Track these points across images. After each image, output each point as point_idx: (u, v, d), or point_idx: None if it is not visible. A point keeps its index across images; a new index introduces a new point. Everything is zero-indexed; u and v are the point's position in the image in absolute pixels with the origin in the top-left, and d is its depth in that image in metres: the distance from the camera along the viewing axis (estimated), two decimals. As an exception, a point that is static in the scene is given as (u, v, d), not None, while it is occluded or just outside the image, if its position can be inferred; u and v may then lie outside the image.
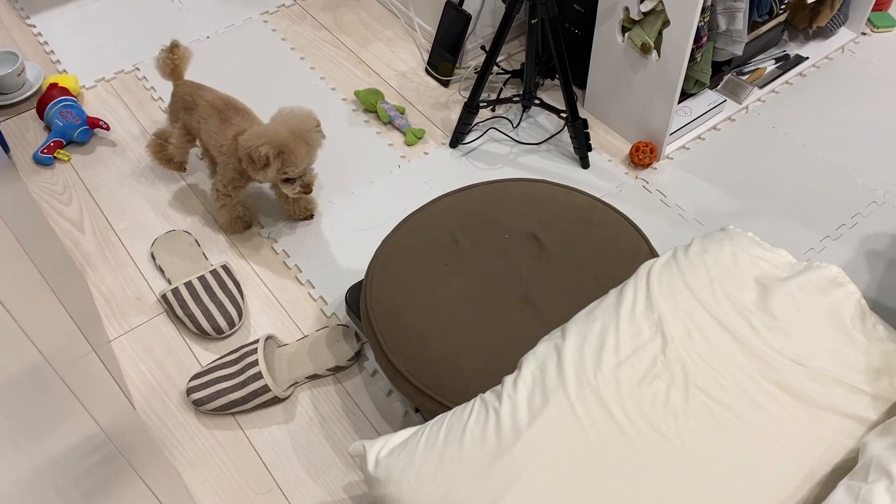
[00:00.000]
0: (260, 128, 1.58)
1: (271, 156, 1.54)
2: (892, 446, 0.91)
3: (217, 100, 1.69)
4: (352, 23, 2.35)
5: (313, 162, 1.63)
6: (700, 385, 1.06)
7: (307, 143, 1.57)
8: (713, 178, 1.91)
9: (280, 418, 1.52)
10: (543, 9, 1.69)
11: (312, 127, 1.59)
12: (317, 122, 1.61)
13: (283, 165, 1.57)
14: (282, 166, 1.57)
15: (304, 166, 1.60)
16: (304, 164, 1.59)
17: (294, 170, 1.58)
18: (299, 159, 1.57)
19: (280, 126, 1.56)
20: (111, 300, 1.71)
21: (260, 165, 1.56)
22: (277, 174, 1.59)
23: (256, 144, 1.54)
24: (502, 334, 1.30)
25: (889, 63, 2.16)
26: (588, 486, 1.00)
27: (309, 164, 1.61)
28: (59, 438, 0.87)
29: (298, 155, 1.56)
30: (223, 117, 1.67)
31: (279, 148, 1.54)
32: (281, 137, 1.54)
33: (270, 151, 1.54)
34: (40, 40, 2.31)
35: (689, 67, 1.87)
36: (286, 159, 1.56)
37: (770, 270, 1.19)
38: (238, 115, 1.67)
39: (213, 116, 1.67)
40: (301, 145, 1.56)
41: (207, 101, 1.69)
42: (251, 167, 1.58)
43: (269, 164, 1.55)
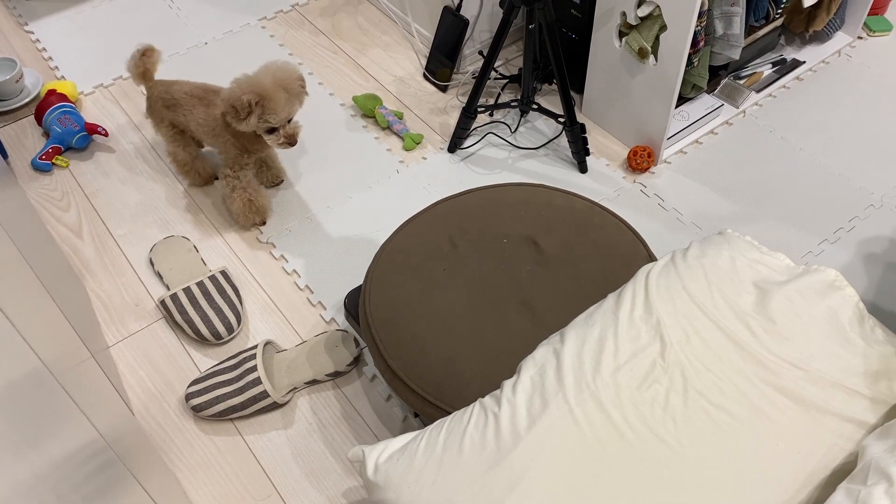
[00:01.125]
0: (241, 79, 1.61)
1: (253, 102, 1.56)
2: (891, 449, 0.91)
3: (194, 88, 1.73)
4: (350, 28, 2.36)
5: (294, 114, 1.65)
6: (699, 389, 1.07)
7: (287, 91, 1.60)
8: (711, 182, 1.91)
9: (279, 424, 1.52)
10: (541, 14, 1.70)
11: (294, 77, 1.62)
12: (299, 75, 1.64)
13: (265, 113, 1.59)
14: (263, 114, 1.59)
15: (284, 115, 1.61)
16: (284, 113, 1.61)
17: (275, 117, 1.60)
18: (279, 106, 1.59)
19: (261, 76, 1.59)
20: (110, 306, 1.71)
21: (244, 115, 1.58)
22: (260, 122, 1.60)
23: (238, 94, 1.57)
24: (501, 339, 1.30)
25: (885, 67, 2.17)
26: (587, 491, 1.00)
27: (290, 114, 1.63)
28: (59, 444, 0.87)
29: (278, 102, 1.58)
30: (205, 102, 1.70)
31: (260, 95, 1.57)
32: (261, 86, 1.57)
33: (252, 98, 1.56)
34: (38, 46, 2.32)
35: (687, 72, 1.88)
36: (267, 106, 1.58)
37: (768, 274, 1.20)
38: (217, 96, 1.70)
39: (196, 105, 1.70)
40: (281, 93, 1.59)
41: (185, 92, 1.73)
42: (234, 118, 1.60)
43: (252, 112, 1.57)
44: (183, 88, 1.73)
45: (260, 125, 1.61)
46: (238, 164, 1.74)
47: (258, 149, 1.74)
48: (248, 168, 1.76)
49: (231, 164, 1.74)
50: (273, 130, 1.64)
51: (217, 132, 1.70)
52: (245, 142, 1.71)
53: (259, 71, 1.61)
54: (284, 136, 1.64)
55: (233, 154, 1.72)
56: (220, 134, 1.70)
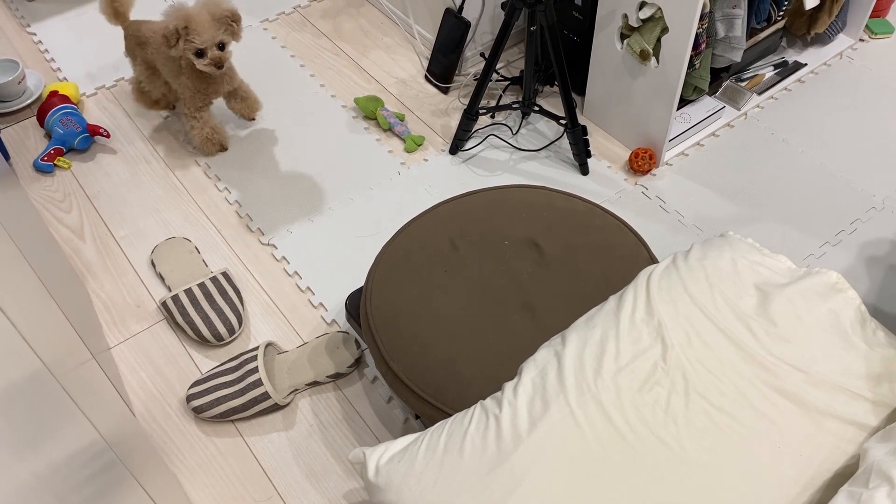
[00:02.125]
0: (170, 9, 1.74)
1: (179, 28, 1.71)
2: (893, 452, 0.91)
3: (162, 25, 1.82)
4: (351, 30, 2.36)
5: (221, 40, 1.76)
6: (700, 391, 1.06)
7: (212, 15, 1.73)
8: (712, 184, 1.91)
9: (280, 425, 1.52)
10: (542, 16, 1.70)
11: (222, 7, 1.75)
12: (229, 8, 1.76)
13: (189, 34, 1.72)
14: (188, 35, 1.72)
15: (208, 37, 1.74)
16: (208, 35, 1.73)
17: (199, 38, 1.73)
18: (203, 28, 1.72)
19: (184, 4, 1.74)
20: (111, 307, 1.71)
21: (172, 41, 1.72)
22: (186, 45, 1.74)
23: (166, 23, 1.72)
24: (502, 341, 1.30)
25: (887, 69, 2.17)
26: (588, 493, 1.00)
27: (215, 38, 1.75)
28: (60, 446, 0.87)
29: (202, 24, 1.72)
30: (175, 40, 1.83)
31: (184, 20, 1.71)
32: (187, 11, 1.72)
33: (178, 24, 1.70)
34: (41, 48, 2.32)
35: (688, 74, 1.88)
36: (191, 29, 1.72)
37: (770, 276, 1.19)
38: None
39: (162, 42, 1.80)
40: (205, 16, 1.72)
41: (153, 30, 1.85)
42: (165, 45, 1.74)
43: (180, 37, 1.72)
44: (152, 27, 1.86)
45: (187, 48, 1.74)
46: (194, 105, 1.89)
47: (212, 90, 1.88)
48: (204, 109, 1.91)
49: (188, 104, 1.89)
50: (201, 54, 1.76)
51: (176, 72, 1.84)
52: (199, 83, 1.85)
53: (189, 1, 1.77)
54: (211, 58, 1.76)
55: (188, 94, 1.87)
56: (178, 74, 1.84)
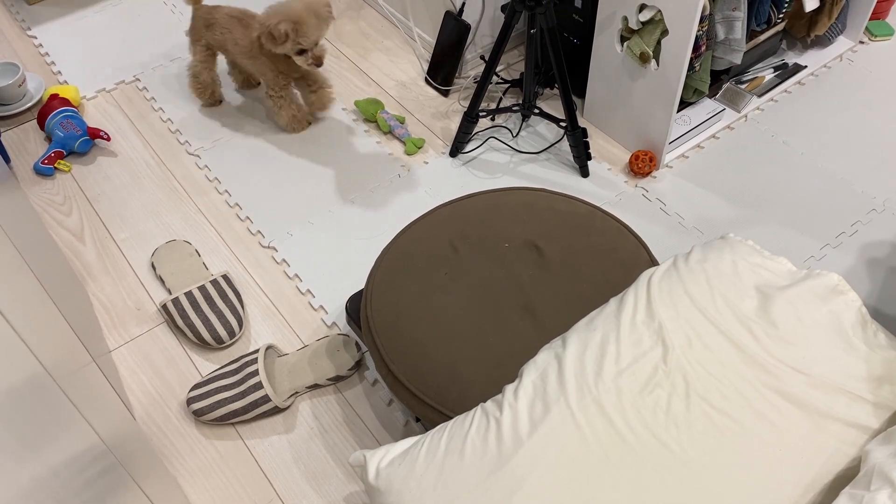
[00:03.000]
0: (275, 6, 1.76)
1: (289, 30, 1.74)
2: (895, 454, 0.91)
3: (233, 10, 1.91)
4: (351, 33, 2.36)
5: (322, 37, 1.81)
6: (701, 393, 1.06)
7: (318, 16, 1.77)
8: (713, 186, 1.91)
9: (280, 428, 1.52)
10: (542, 19, 1.70)
11: (322, 3, 1.78)
12: (328, 6, 1.79)
13: (297, 36, 1.75)
14: (296, 37, 1.76)
15: (314, 38, 1.78)
16: (314, 36, 1.78)
17: (306, 40, 1.77)
18: (311, 30, 1.76)
19: (293, 3, 1.76)
20: (111, 310, 1.71)
21: (280, 40, 1.75)
22: (292, 45, 1.77)
23: (275, 22, 1.74)
24: (503, 343, 1.30)
25: (887, 71, 2.17)
26: (589, 496, 1.00)
27: (319, 37, 1.80)
28: (60, 449, 0.87)
29: (310, 26, 1.75)
30: (244, 24, 1.88)
31: (294, 21, 1.73)
32: (295, 12, 1.74)
33: (288, 26, 1.73)
34: (41, 51, 2.32)
35: (688, 76, 1.88)
36: (300, 31, 1.75)
37: (770, 278, 1.19)
38: (255, 21, 1.86)
39: (235, 25, 1.87)
40: (312, 18, 1.75)
41: (225, 13, 1.90)
42: (271, 43, 1.77)
43: (288, 38, 1.75)
44: (224, 10, 1.91)
45: (292, 47, 1.78)
46: (277, 85, 1.92)
47: (293, 70, 1.91)
48: (287, 87, 1.95)
49: (272, 85, 1.93)
50: (302, 52, 1.80)
51: (253, 54, 1.87)
52: (279, 64, 1.89)
53: None
54: (312, 57, 1.81)
55: (270, 76, 1.91)
56: (257, 56, 1.87)
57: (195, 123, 2.10)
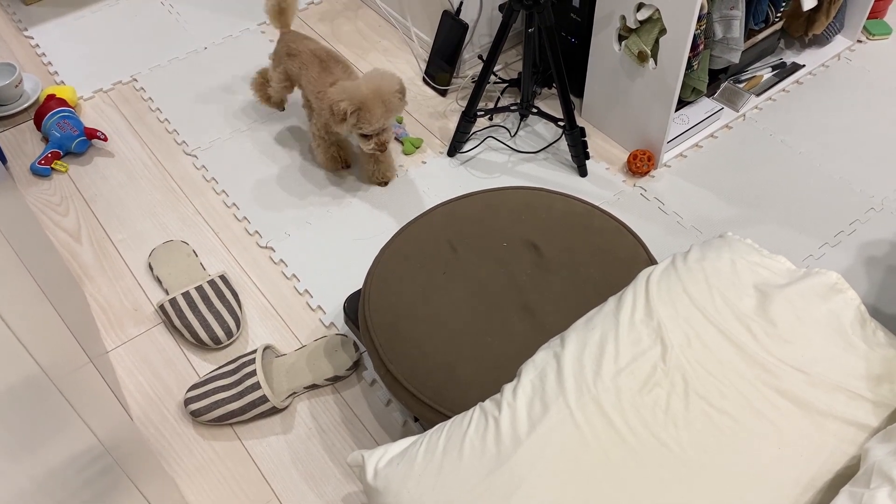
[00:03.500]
0: (347, 83, 1.69)
1: (349, 111, 1.66)
2: (894, 452, 0.90)
3: (320, 50, 1.82)
4: (349, 33, 2.36)
5: (390, 123, 1.74)
6: (700, 392, 1.06)
7: (385, 104, 1.68)
8: (711, 185, 1.91)
9: (278, 429, 1.51)
10: (540, 18, 1.70)
11: (394, 91, 1.69)
12: (399, 87, 1.71)
13: (359, 121, 1.68)
14: (357, 122, 1.68)
15: (378, 125, 1.70)
16: (378, 124, 1.70)
17: (368, 127, 1.69)
18: (374, 118, 1.68)
19: (364, 84, 1.67)
20: (108, 311, 1.71)
21: (339, 119, 1.68)
22: (354, 129, 1.71)
23: (338, 99, 1.66)
24: (501, 343, 1.30)
25: (885, 70, 2.17)
26: (588, 495, 0.99)
27: (385, 124, 1.72)
28: (57, 450, 0.86)
29: (374, 114, 1.67)
30: (324, 66, 1.79)
31: (357, 105, 1.66)
32: (361, 95, 1.66)
33: (349, 107, 1.66)
34: (38, 52, 2.32)
35: (686, 75, 1.88)
36: (362, 116, 1.67)
37: (769, 277, 1.19)
38: (338, 67, 1.79)
39: (315, 64, 1.79)
40: (378, 105, 1.67)
41: (310, 49, 1.82)
42: (332, 119, 1.70)
43: (346, 119, 1.67)
44: (309, 45, 1.84)
45: (354, 130, 1.71)
46: (327, 129, 1.84)
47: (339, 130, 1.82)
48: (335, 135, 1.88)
49: (321, 126, 1.84)
50: (366, 136, 1.73)
51: (320, 97, 1.78)
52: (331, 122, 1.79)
53: (364, 77, 1.69)
54: (376, 143, 1.74)
55: (325, 120, 1.80)
56: (323, 100, 1.78)
57: (192, 123, 2.10)
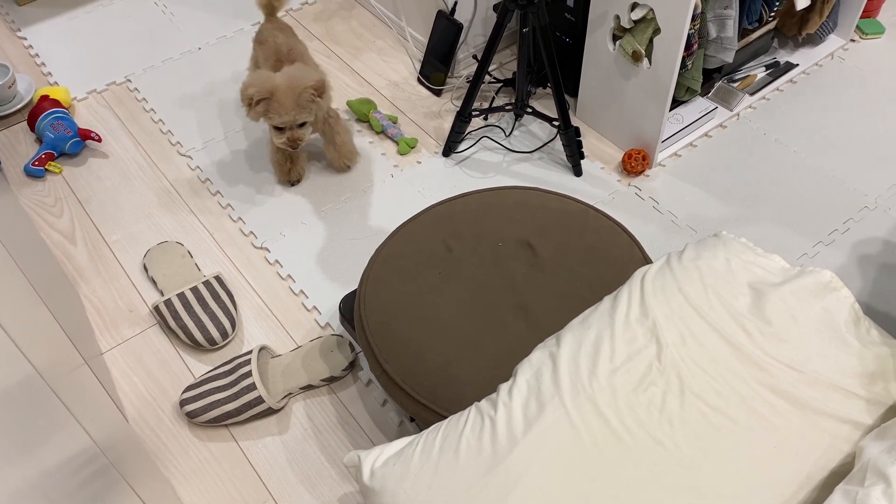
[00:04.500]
0: (263, 72, 1.67)
1: (255, 98, 1.62)
2: (889, 450, 0.91)
3: (283, 45, 1.79)
4: (343, 33, 2.36)
5: (303, 119, 1.68)
6: (695, 391, 1.06)
7: (296, 98, 1.63)
8: (705, 184, 1.92)
9: (274, 429, 1.51)
10: (534, 18, 1.70)
11: (307, 86, 1.64)
12: (315, 84, 1.65)
13: (269, 111, 1.64)
14: (267, 111, 1.64)
15: (289, 119, 1.65)
16: (289, 117, 1.65)
17: (277, 118, 1.65)
18: (283, 110, 1.63)
19: (279, 76, 1.64)
20: (103, 312, 1.70)
21: (245, 104, 1.64)
22: (266, 119, 1.67)
23: (248, 84, 1.63)
24: (497, 342, 1.30)
25: (878, 69, 2.18)
26: (584, 494, 0.99)
27: (297, 119, 1.66)
28: (52, 452, 0.86)
29: (284, 105, 1.63)
30: (277, 67, 1.75)
31: (266, 94, 1.62)
32: (270, 85, 1.62)
33: (256, 95, 1.62)
34: (31, 52, 2.31)
35: (681, 75, 1.88)
36: (271, 106, 1.63)
37: (763, 276, 1.19)
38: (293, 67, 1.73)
39: (271, 58, 1.77)
40: (289, 98, 1.62)
41: (276, 43, 1.80)
42: (244, 105, 1.66)
43: (252, 106, 1.63)
44: (277, 38, 1.81)
45: (266, 120, 1.68)
46: None
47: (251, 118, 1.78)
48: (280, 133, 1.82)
49: None
50: (280, 130, 1.69)
51: None
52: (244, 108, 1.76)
53: (283, 70, 1.68)
54: (288, 138, 1.69)
55: None
56: None
57: (187, 124, 2.09)
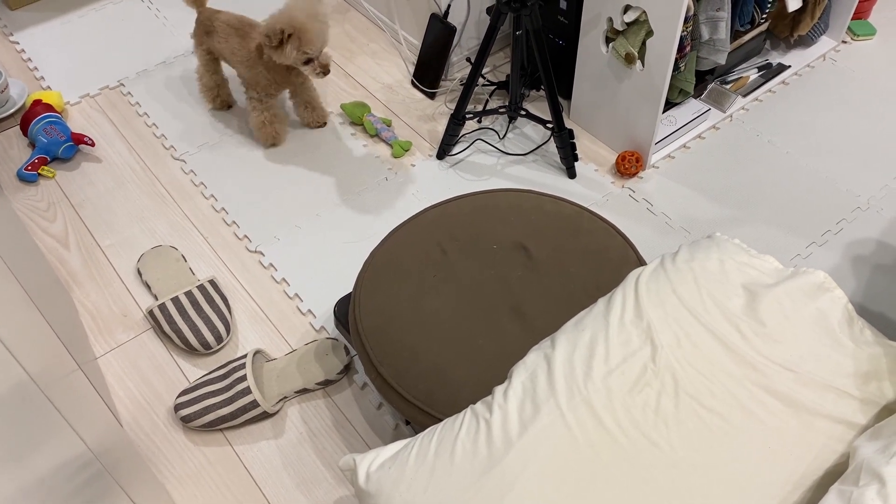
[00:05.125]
0: (276, 14, 1.72)
1: (286, 32, 1.69)
2: (882, 450, 0.91)
3: (231, 19, 1.88)
4: (337, 36, 2.36)
5: (326, 44, 1.78)
6: (690, 392, 1.07)
7: (320, 22, 1.73)
8: (699, 186, 1.92)
9: (269, 433, 1.51)
10: (528, 20, 1.70)
11: (321, 10, 1.74)
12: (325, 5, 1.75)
13: (302, 45, 1.71)
14: (300, 45, 1.72)
15: (319, 45, 1.74)
16: (319, 43, 1.74)
17: (311, 47, 1.73)
18: (315, 37, 1.72)
19: (293, 9, 1.71)
20: (97, 317, 1.70)
21: (276, 43, 1.71)
22: (298, 54, 1.73)
23: (274, 23, 1.70)
24: (492, 345, 1.30)
25: (869, 70, 2.19)
26: (580, 496, 1.00)
27: (324, 44, 1.76)
28: (46, 458, 0.86)
29: (313, 32, 1.71)
30: (241, 33, 1.85)
31: (294, 27, 1.70)
32: (296, 18, 1.70)
33: (287, 28, 1.69)
34: (24, 57, 2.30)
35: (673, 77, 1.89)
36: (303, 38, 1.71)
37: (757, 277, 1.20)
38: (254, 30, 1.85)
39: (232, 34, 1.85)
40: (315, 24, 1.71)
41: (224, 21, 1.88)
42: (270, 48, 1.73)
43: (285, 42, 1.71)
44: (222, 17, 1.89)
45: (298, 56, 1.74)
46: (266, 92, 1.89)
47: (287, 82, 1.91)
48: (273, 97, 1.92)
49: (259, 90, 1.89)
50: (309, 61, 1.76)
51: (250, 63, 1.85)
52: (276, 75, 1.86)
53: (287, 5, 1.74)
54: (320, 65, 1.77)
55: (263, 84, 1.87)
56: (253, 65, 1.85)
57: (180, 128, 2.09)
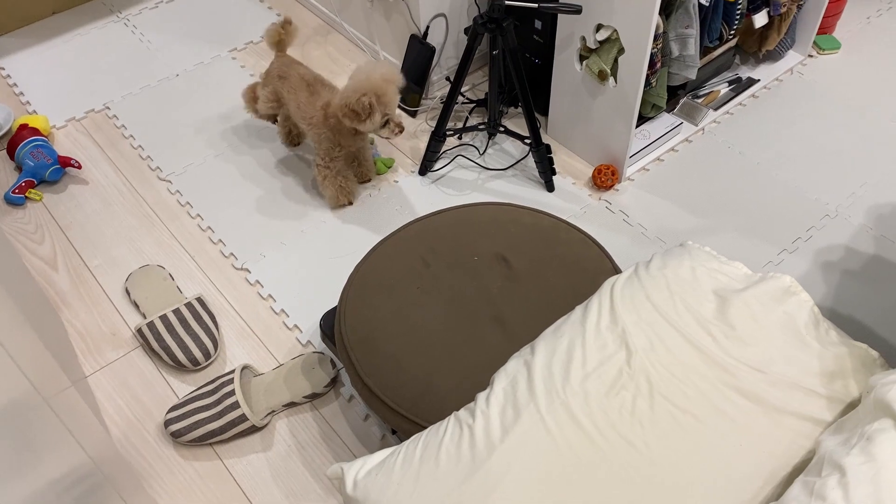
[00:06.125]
0: (351, 83, 1.70)
1: (374, 102, 1.68)
2: (844, 442, 0.95)
3: (307, 74, 1.87)
4: (319, 57, 2.40)
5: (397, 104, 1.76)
6: (664, 394, 1.11)
7: (394, 83, 1.71)
8: (673, 197, 1.98)
9: (258, 447, 1.53)
10: (503, 40, 1.76)
11: (393, 71, 1.72)
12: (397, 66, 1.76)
13: (383, 108, 1.70)
14: (382, 109, 1.70)
15: (394, 106, 1.73)
16: (394, 105, 1.72)
17: (388, 110, 1.72)
18: (392, 100, 1.71)
19: (368, 76, 1.69)
20: (86, 336, 1.72)
21: (365, 115, 1.69)
22: (382, 119, 1.72)
23: (356, 97, 1.67)
24: (475, 353, 1.34)
25: (835, 83, 2.26)
26: (561, 496, 1.03)
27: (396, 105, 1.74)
28: (37, 475, 0.87)
29: (391, 95, 1.70)
30: (311, 90, 1.83)
31: (377, 93, 1.68)
32: (375, 84, 1.68)
33: (372, 99, 1.67)
34: (9, 82, 2.33)
35: (646, 92, 1.94)
36: (383, 102, 1.70)
37: (727, 282, 1.24)
38: (325, 89, 1.84)
39: (303, 89, 1.82)
40: (390, 87, 1.70)
41: (299, 74, 1.86)
42: (355, 120, 1.71)
43: (374, 111, 1.69)
44: (299, 70, 1.87)
45: (380, 120, 1.72)
46: (329, 156, 1.86)
47: (350, 143, 1.86)
48: (338, 160, 1.89)
49: (323, 155, 1.86)
50: (386, 123, 1.75)
51: (313, 123, 1.82)
52: (339, 137, 1.83)
53: (359, 72, 1.71)
54: (395, 125, 1.75)
55: (325, 146, 1.84)
56: (317, 125, 1.82)
57: (165, 150, 2.12)
